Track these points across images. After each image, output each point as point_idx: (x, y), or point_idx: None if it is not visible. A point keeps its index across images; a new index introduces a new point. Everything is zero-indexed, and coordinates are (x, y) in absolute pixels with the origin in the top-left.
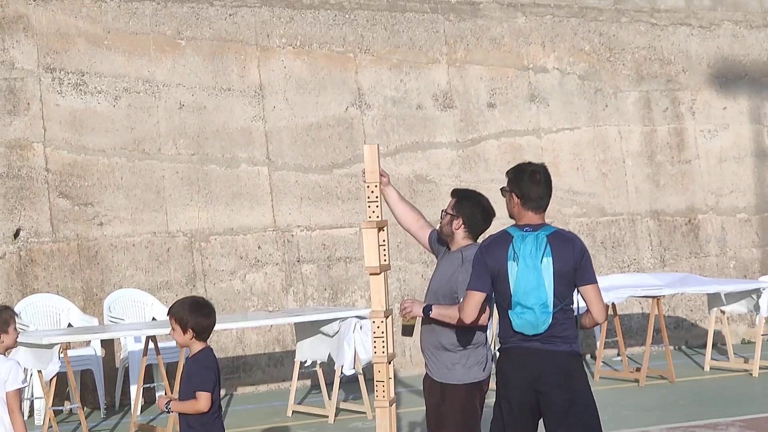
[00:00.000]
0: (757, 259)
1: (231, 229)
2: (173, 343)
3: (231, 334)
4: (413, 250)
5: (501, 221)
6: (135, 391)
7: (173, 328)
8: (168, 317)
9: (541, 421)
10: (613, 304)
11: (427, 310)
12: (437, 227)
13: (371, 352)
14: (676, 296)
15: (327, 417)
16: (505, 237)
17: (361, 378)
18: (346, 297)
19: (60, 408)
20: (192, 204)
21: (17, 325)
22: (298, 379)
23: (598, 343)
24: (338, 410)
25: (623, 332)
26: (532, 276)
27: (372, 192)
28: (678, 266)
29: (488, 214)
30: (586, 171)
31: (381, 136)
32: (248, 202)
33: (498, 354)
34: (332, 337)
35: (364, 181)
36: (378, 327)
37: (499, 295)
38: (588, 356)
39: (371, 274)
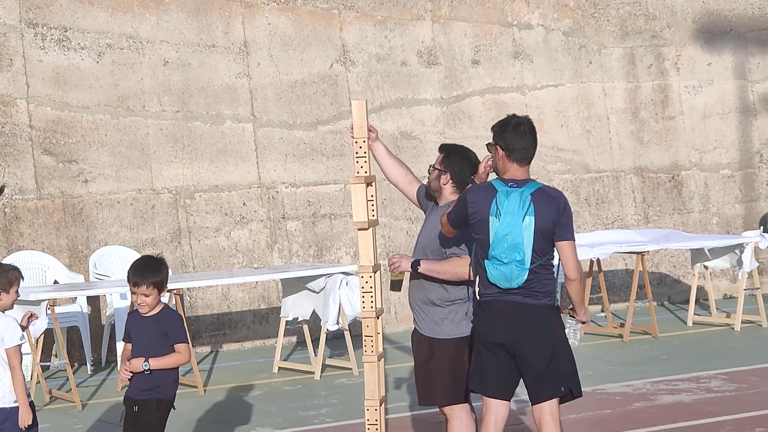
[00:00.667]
0: (740, 215)
1: (216, 186)
2: None
3: (216, 291)
4: (398, 207)
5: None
6: (121, 347)
7: (147, 295)
8: (138, 288)
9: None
10: (597, 260)
11: (415, 265)
12: (425, 183)
13: (357, 308)
14: (660, 252)
15: (313, 373)
16: (490, 190)
17: (347, 334)
18: (332, 253)
19: (47, 364)
20: (177, 161)
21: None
22: (283, 335)
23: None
24: (324, 366)
25: (607, 288)
26: (510, 234)
27: (360, 147)
28: (661, 222)
29: (476, 168)
30: (570, 128)
31: (366, 92)
32: (233, 159)
33: (479, 304)
34: (318, 293)
35: (353, 137)
36: (366, 282)
37: (479, 244)
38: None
39: (359, 229)
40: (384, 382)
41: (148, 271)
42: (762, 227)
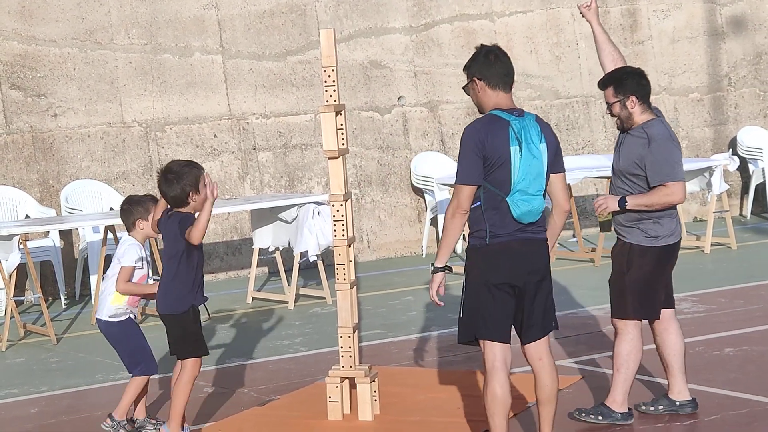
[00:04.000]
0: (709, 138)
1: (186, 119)
2: None
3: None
4: (369, 136)
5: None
6: (95, 281)
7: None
8: (187, 196)
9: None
10: (568, 185)
11: (622, 202)
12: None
13: (330, 237)
14: None
15: (287, 303)
16: (499, 121)
17: (320, 264)
18: (303, 184)
19: (21, 298)
20: (146, 94)
21: None
22: (256, 266)
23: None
24: (298, 296)
25: (578, 213)
26: (534, 163)
27: (329, 76)
28: None
29: (645, 75)
30: (539, 54)
31: (334, 22)
32: (203, 91)
33: (480, 246)
34: (290, 223)
35: (321, 66)
36: (338, 210)
37: (495, 183)
38: None
39: (330, 158)
40: (357, 310)
41: (177, 185)
42: (731, 150)
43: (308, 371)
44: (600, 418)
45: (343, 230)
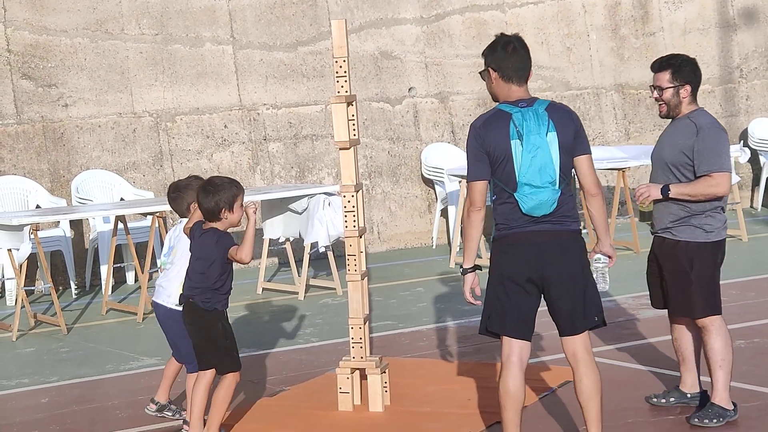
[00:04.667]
0: None
1: (197, 109)
2: (142, 223)
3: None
4: (379, 127)
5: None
6: (105, 271)
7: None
8: (219, 211)
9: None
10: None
11: (665, 191)
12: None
13: (340, 228)
14: (641, 168)
15: (297, 294)
16: (501, 115)
17: (330, 254)
18: (313, 174)
19: (32, 288)
20: (157, 84)
21: None
22: (267, 256)
23: None
24: (308, 287)
25: None
26: (539, 154)
27: (340, 67)
28: (642, 139)
29: (698, 65)
30: (550, 45)
31: (345, 12)
32: (213, 82)
33: (497, 238)
34: (300, 214)
35: (333, 57)
36: (349, 201)
37: (502, 179)
38: None
39: (341, 149)
40: (368, 301)
41: (221, 194)
42: (742, 142)
43: (318, 362)
44: (722, 420)
45: (354, 221)
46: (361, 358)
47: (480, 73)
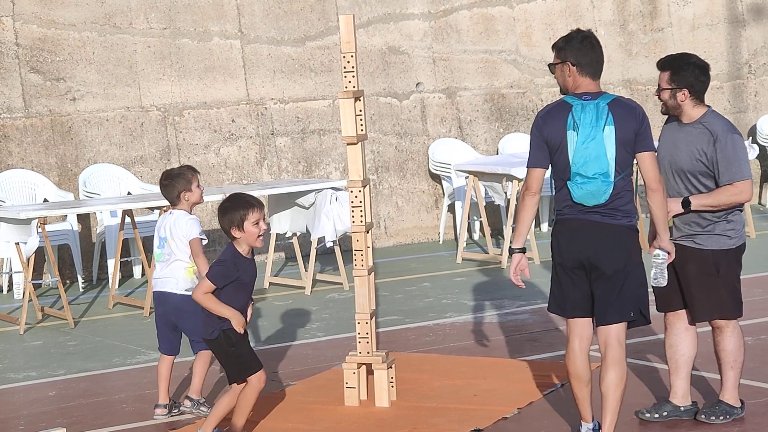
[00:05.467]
0: None
1: (204, 103)
2: (149, 217)
3: (206, 207)
4: (387, 122)
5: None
6: (112, 265)
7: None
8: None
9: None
10: None
11: (686, 204)
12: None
13: (347, 223)
14: None
15: (304, 288)
16: (563, 106)
17: (337, 249)
18: (321, 169)
19: (39, 282)
20: (165, 78)
21: None
22: (273, 251)
23: None
24: (315, 281)
25: None
26: (592, 145)
27: (348, 62)
28: None
29: (706, 69)
30: None
31: (353, 7)
32: (221, 76)
33: (555, 224)
34: (307, 208)
35: (341, 52)
36: (356, 196)
37: (558, 167)
38: None
39: (348, 144)
40: (374, 296)
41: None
42: (749, 138)
43: (325, 357)
44: (728, 417)
45: (362, 216)
46: (368, 353)
47: (549, 65)
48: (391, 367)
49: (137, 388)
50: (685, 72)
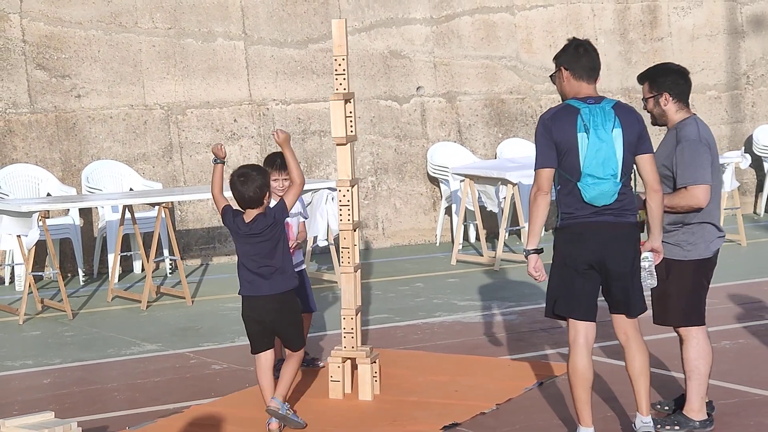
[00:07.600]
0: (726, 136)
1: (207, 103)
2: (149, 213)
3: (207, 205)
4: (387, 125)
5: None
6: (112, 259)
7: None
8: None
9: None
10: None
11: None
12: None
13: None
14: None
15: None
16: (570, 110)
17: (332, 249)
18: (320, 170)
19: (40, 274)
20: (169, 77)
21: None
22: None
23: None
24: (311, 280)
25: None
26: (603, 147)
27: (339, 65)
28: None
29: (683, 73)
30: (558, 48)
31: (356, 11)
32: (224, 76)
33: (562, 227)
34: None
35: (333, 55)
36: (344, 196)
37: (566, 168)
38: None
39: (338, 145)
40: (360, 292)
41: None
42: (743, 148)
43: (314, 352)
44: (677, 427)
45: (349, 215)
46: (352, 348)
47: (550, 76)
48: (374, 362)
49: (129, 378)
50: (662, 78)
